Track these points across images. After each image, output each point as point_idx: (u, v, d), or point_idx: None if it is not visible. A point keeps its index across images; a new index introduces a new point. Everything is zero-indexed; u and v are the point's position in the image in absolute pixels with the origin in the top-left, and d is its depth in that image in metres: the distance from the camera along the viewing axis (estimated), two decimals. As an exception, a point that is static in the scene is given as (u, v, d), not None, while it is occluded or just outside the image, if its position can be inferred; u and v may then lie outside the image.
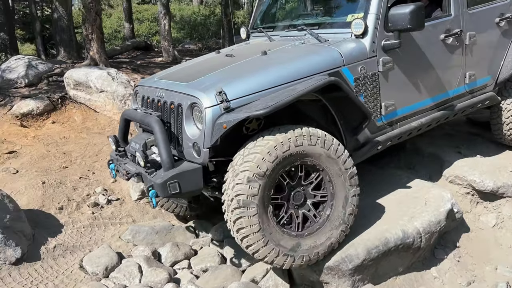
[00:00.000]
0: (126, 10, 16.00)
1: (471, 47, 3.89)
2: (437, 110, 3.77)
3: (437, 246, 3.52)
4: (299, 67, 2.99)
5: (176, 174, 2.75)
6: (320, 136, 2.80)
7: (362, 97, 3.19)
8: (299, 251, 2.79)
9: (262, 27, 4.13)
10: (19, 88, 7.51)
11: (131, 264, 3.40)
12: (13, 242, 3.37)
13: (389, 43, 3.24)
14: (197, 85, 2.92)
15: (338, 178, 2.84)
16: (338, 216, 2.86)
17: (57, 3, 9.50)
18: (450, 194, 3.52)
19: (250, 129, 2.98)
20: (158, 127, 2.85)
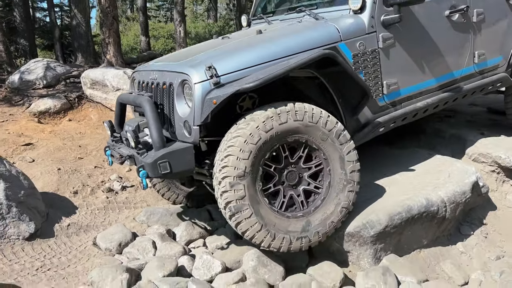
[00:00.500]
0: (142, 24, 16.35)
1: (480, 24, 3.74)
2: (444, 90, 3.61)
3: (462, 222, 3.37)
4: (294, 43, 2.89)
5: (166, 153, 2.66)
6: (307, 109, 2.66)
7: (362, 74, 3.07)
8: (312, 228, 2.69)
9: (262, 14, 4.08)
10: (37, 89, 7.63)
11: (145, 240, 3.32)
12: (27, 217, 3.34)
13: (388, 18, 3.12)
14: (187, 63, 2.85)
15: (325, 142, 2.70)
16: (340, 179, 2.73)
17: (75, 10, 9.73)
18: (475, 168, 3.38)
19: (244, 108, 2.90)
20: (148, 106, 2.78)
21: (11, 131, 5.92)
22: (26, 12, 11.64)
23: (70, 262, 3.18)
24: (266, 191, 2.68)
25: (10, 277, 2.95)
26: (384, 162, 3.62)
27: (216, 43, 3.33)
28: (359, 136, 3.17)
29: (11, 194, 3.35)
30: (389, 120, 3.27)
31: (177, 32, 11.02)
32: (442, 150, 4.07)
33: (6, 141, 5.49)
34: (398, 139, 4.34)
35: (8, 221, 3.27)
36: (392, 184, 3.23)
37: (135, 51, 18.66)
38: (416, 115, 3.46)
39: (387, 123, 3.26)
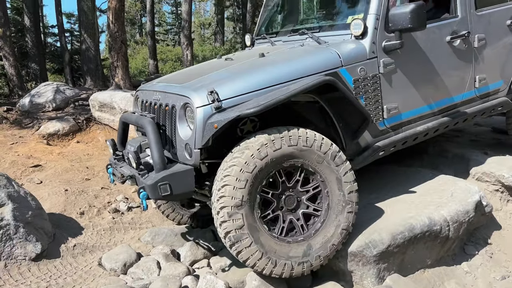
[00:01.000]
0: (150, 47, 16.68)
1: (481, 50, 3.75)
2: (445, 114, 3.61)
3: (467, 242, 3.36)
4: (295, 68, 2.91)
5: (167, 175, 2.68)
6: (301, 135, 2.67)
7: (362, 99, 3.08)
8: (313, 252, 2.70)
9: (266, 34, 4.14)
10: (47, 112, 7.80)
11: (149, 260, 3.34)
12: (33, 238, 3.39)
13: (390, 44, 3.13)
14: (190, 86, 2.88)
15: (321, 165, 2.70)
16: (338, 200, 2.74)
17: (85, 35, 9.97)
18: (478, 187, 3.39)
19: (244, 131, 2.92)
20: (150, 127, 2.81)
21: (20, 153, 6.03)
22: (37, 37, 11.97)
23: (75, 282, 3.20)
24: (265, 217, 2.68)
25: (16, 297, 2.97)
26: (386, 181, 3.64)
27: (219, 64, 3.39)
28: (359, 160, 3.18)
29: (18, 215, 3.41)
30: (389, 144, 3.27)
31: (184, 55, 11.24)
32: (445, 169, 4.08)
33: (16, 163, 5.59)
34: (401, 158, 4.36)
35: (16, 241, 3.32)
36: (395, 203, 3.24)
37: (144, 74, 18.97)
38: (416, 139, 3.47)
39: (387, 147, 3.27)
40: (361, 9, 3.24)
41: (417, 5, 2.95)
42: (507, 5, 3.93)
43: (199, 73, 3.18)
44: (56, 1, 13.50)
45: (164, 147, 3.00)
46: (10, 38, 9.48)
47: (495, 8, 3.84)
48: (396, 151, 3.49)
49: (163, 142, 3.01)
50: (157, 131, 2.82)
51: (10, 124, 7.36)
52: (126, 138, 3.53)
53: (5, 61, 9.59)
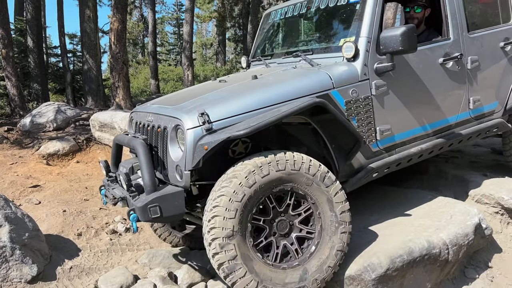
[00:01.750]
0: (152, 67, 16.84)
1: (474, 71, 3.76)
2: (439, 136, 3.60)
3: (467, 265, 3.33)
4: (286, 90, 2.93)
5: (157, 198, 2.66)
6: (288, 158, 2.65)
7: (354, 120, 3.09)
8: (309, 276, 2.66)
9: (261, 56, 4.18)
10: (48, 132, 7.83)
11: (146, 283, 3.30)
12: (30, 260, 3.35)
13: (381, 66, 3.14)
14: (181, 108, 2.90)
15: (310, 187, 2.68)
16: (331, 221, 2.71)
17: (87, 56, 10.09)
18: (477, 209, 3.37)
19: (236, 152, 2.91)
20: (141, 149, 2.81)
21: (19, 173, 6.03)
22: (40, 58, 12.12)
23: (70, 305, 3.16)
24: (258, 245, 2.65)
25: (10, 321, 2.93)
26: (386, 203, 3.62)
27: (212, 86, 3.42)
28: (352, 182, 3.16)
29: (15, 237, 3.38)
30: (383, 165, 3.25)
31: (185, 75, 11.34)
32: (444, 191, 4.07)
33: (14, 183, 5.58)
34: (401, 179, 4.36)
35: (11, 263, 3.29)
36: (394, 225, 3.22)
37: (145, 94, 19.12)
38: (410, 160, 3.45)
39: (381, 168, 3.25)
40: (352, 32, 3.27)
41: (408, 28, 2.97)
42: (500, 27, 3.96)
43: (192, 95, 3.19)
44: (59, 22, 13.72)
45: (156, 168, 3.00)
46: (13, 59, 9.59)
47: (488, 31, 3.88)
48: (395, 171, 3.49)
49: (155, 164, 3.01)
50: (148, 153, 2.82)
51: (10, 144, 7.38)
52: (120, 159, 3.53)
53: (7, 81, 9.68)
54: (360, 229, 3.20)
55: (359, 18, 3.23)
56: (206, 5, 24.38)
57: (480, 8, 3.94)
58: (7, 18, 9.71)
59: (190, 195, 2.87)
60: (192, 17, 12.78)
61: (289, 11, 4.05)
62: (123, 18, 8.65)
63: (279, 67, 3.61)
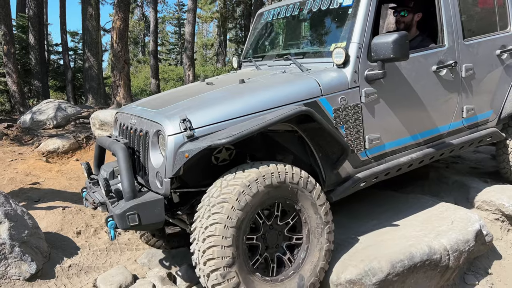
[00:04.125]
0: (152, 67, 16.83)
1: (469, 80, 3.67)
2: (431, 145, 3.52)
3: (467, 271, 3.32)
4: (273, 96, 2.84)
5: (135, 205, 2.57)
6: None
7: (343, 129, 3.00)
8: (306, 281, 2.68)
9: (253, 57, 4.06)
10: (48, 129, 7.82)
11: (145, 283, 3.29)
12: (29, 257, 3.34)
13: (372, 74, 3.04)
14: (164, 112, 2.81)
15: (296, 195, 2.67)
16: (317, 224, 2.72)
17: (89, 54, 10.08)
18: (478, 216, 3.36)
19: (220, 159, 2.84)
20: (121, 154, 2.72)
21: (19, 170, 6.01)
22: (41, 55, 12.11)
23: (69, 304, 3.15)
24: (255, 264, 2.62)
25: (8, 318, 2.92)
26: (387, 208, 3.62)
27: (199, 89, 3.33)
28: (339, 191, 3.09)
29: (15, 234, 3.37)
30: (371, 175, 3.18)
31: (186, 75, 11.33)
32: (445, 197, 4.07)
33: (14, 180, 5.57)
34: (402, 184, 4.36)
35: (10, 261, 3.27)
36: (395, 230, 3.21)
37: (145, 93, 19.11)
38: (400, 170, 3.37)
39: (369, 178, 3.18)
40: (344, 37, 3.17)
41: (400, 35, 2.88)
42: (497, 34, 3.89)
43: (176, 98, 3.10)
44: (61, 20, 13.70)
45: (137, 173, 2.93)
46: (14, 55, 9.58)
47: (484, 38, 3.79)
48: (396, 176, 3.48)
49: (137, 168, 2.94)
50: (129, 159, 2.73)
51: (10, 141, 7.37)
52: (103, 161, 3.47)
53: (8, 77, 9.67)
54: (361, 234, 3.19)
55: (351, 23, 3.14)
56: (208, 6, 24.40)
57: (477, 15, 3.87)
58: (9, 15, 9.70)
59: (171, 202, 2.80)
60: (194, 17, 12.77)
61: (281, 12, 3.94)
62: (126, 17, 8.65)
63: (269, 71, 3.52)
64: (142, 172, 2.88)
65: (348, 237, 3.14)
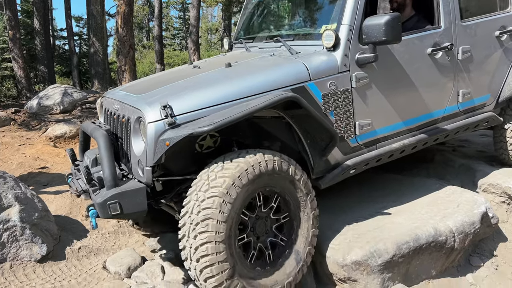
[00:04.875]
0: (158, 52, 16.78)
1: (465, 62, 3.55)
2: (424, 130, 3.43)
3: (472, 253, 3.34)
4: (259, 82, 2.75)
5: (116, 194, 2.51)
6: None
7: (332, 115, 2.91)
8: (302, 254, 2.76)
9: (243, 38, 3.95)
10: (54, 114, 7.86)
11: (154, 264, 3.35)
12: (39, 239, 3.40)
13: (363, 57, 2.94)
14: (145, 98, 2.73)
15: (273, 178, 2.62)
16: (299, 197, 2.73)
17: (94, 39, 10.06)
18: (484, 198, 3.38)
19: (204, 146, 2.77)
20: (102, 141, 2.66)
21: (27, 155, 6.07)
22: (46, 40, 12.12)
23: (80, 285, 3.21)
24: (252, 259, 2.64)
25: (20, 298, 2.99)
26: (392, 191, 3.63)
27: (184, 73, 3.23)
28: (328, 178, 3.03)
29: (25, 216, 3.43)
30: (361, 162, 3.11)
31: (191, 60, 11.27)
32: (451, 180, 4.07)
33: (23, 164, 5.62)
34: (407, 167, 4.36)
35: (22, 243, 3.34)
36: (400, 213, 3.23)
37: (150, 78, 19.10)
38: (391, 156, 3.30)
39: (359, 165, 3.11)
40: (334, 18, 3.05)
41: (392, 16, 2.76)
42: (496, 15, 3.75)
43: (159, 83, 3.02)
44: (65, 5, 13.65)
45: (121, 160, 2.89)
46: (19, 41, 9.58)
47: (483, 18, 3.65)
48: (402, 160, 3.47)
49: (120, 155, 2.89)
50: (110, 146, 2.67)
51: (18, 126, 7.42)
52: (88, 147, 3.43)
53: (14, 63, 9.69)
54: (366, 216, 3.22)
55: (342, 4, 3.01)
56: (213, -10, 24.13)
57: None
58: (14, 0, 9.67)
59: (155, 190, 2.75)
60: (199, 1, 12.68)
61: None
62: (130, 1, 8.60)
63: (259, 53, 3.42)
64: (125, 160, 2.83)
65: (354, 220, 3.16)
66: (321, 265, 2.93)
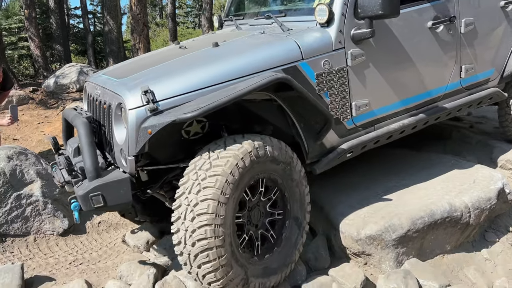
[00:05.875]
0: (171, 30, 16.69)
1: (468, 36, 3.36)
2: (425, 109, 3.26)
3: (487, 229, 3.34)
4: (247, 62, 2.57)
5: (99, 185, 2.34)
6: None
7: (327, 95, 2.74)
8: (304, 224, 2.75)
9: (234, 15, 3.72)
10: (71, 93, 7.96)
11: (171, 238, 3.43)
12: (61, 214, 3.51)
13: (359, 33, 2.76)
14: (126, 83, 2.55)
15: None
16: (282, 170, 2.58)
17: (108, 17, 10.07)
18: (501, 174, 3.35)
19: (191, 132, 2.60)
20: (82, 129, 2.49)
21: (46, 133, 6.20)
22: (61, 19, 12.15)
23: (100, 257, 3.32)
24: (258, 251, 2.58)
25: (45, 269, 3.11)
26: (407, 167, 3.62)
27: (168, 54, 3.09)
28: (324, 162, 2.88)
29: (47, 192, 3.54)
30: (358, 144, 2.96)
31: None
32: (468, 156, 4.04)
33: (42, 142, 5.76)
34: (423, 144, 4.33)
35: (44, 217, 3.45)
36: (416, 188, 3.23)
37: (164, 57, 19.07)
38: (390, 137, 3.15)
39: (356, 147, 2.96)
40: None
41: None
42: None
43: (143, 65, 2.84)
44: (79, -17, 13.61)
45: (105, 149, 2.77)
46: (35, 20, 9.64)
47: None
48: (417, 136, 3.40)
49: (104, 144, 2.76)
50: (91, 134, 2.51)
51: (36, 104, 7.55)
52: (71, 134, 3.29)
53: (31, 42, 9.78)
54: (381, 192, 3.23)
55: None
56: (226, -35, 23.77)
57: None
58: (28, -22, 9.68)
59: (140, 180, 2.63)
60: (212, -22, 12.53)
61: None
62: (144, -22, 8.55)
63: (249, 31, 3.23)
64: (109, 148, 2.69)
65: (369, 196, 3.18)
66: (336, 240, 2.97)
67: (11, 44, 11.91)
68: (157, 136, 2.29)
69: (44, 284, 2.95)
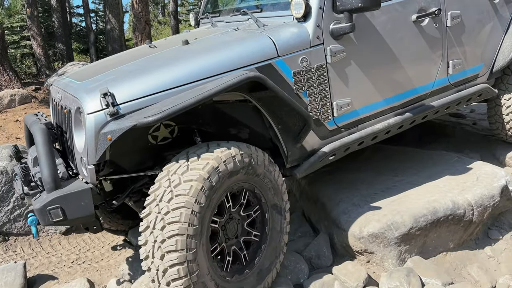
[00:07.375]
0: (173, 27, 16.70)
1: (455, 29, 3.23)
2: (411, 107, 3.13)
3: (491, 226, 3.32)
4: (218, 60, 2.41)
5: (57, 198, 2.15)
6: None
7: (305, 95, 2.60)
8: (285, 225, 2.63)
9: (210, 12, 3.61)
10: (73, 91, 7.96)
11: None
12: (63, 212, 3.51)
13: (338, 27, 2.61)
14: (85, 85, 2.37)
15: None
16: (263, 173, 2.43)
17: (110, 15, 10.08)
18: (504, 172, 3.33)
19: (159, 138, 2.44)
20: (39, 137, 2.32)
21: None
22: (63, 17, 12.17)
23: (103, 256, 3.33)
24: (230, 266, 2.41)
25: (47, 268, 3.12)
26: (410, 165, 3.61)
27: (136, 54, 2.93)
28: (305, 166, 2.74)
29: (49, 190, 3.53)
30: (341, 146, 2.81)
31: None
32: (471, 153, 4.02)
33: (44, 140, 5.76)
34: (426, 141, 4.32)
35: (46, 215, 3.45)
36: (418, 186, 3.22)
37: (166, 55, 19.08)
38: (375, 138, 3.02)
39: (339, 150, 2.82)
40: None
41: None
42: None
43: (107, 67, 2.66)
44: (81, -19, 13.62)
45: (68, 158, 2.62)
46: (37, 18, 9.65)
47: None
48: (420, 133, 3.40)
49: (67, 152, 2.60)
50: (49, 142, 2.33)
51: (39, 103, 7.54)
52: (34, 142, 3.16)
53: (33, 41, 9.79)
54: (384, 189, 3.22)
55: None
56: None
57: None
58: (30, -23, 9.70)
59: (104, 191, 2.48)
60: (214, -25, 12.46)
61: None
62: (145, -24, 8.55)
63: (224, 28, 3.08)
64: (71, 157, 2.51)
65: (372, 193, 3.17)
66: (338, 238, 2.97)
67: (13, 43, 11.94)
68: (120, 143, 2.12)
69: (47, 282, 2.96)
